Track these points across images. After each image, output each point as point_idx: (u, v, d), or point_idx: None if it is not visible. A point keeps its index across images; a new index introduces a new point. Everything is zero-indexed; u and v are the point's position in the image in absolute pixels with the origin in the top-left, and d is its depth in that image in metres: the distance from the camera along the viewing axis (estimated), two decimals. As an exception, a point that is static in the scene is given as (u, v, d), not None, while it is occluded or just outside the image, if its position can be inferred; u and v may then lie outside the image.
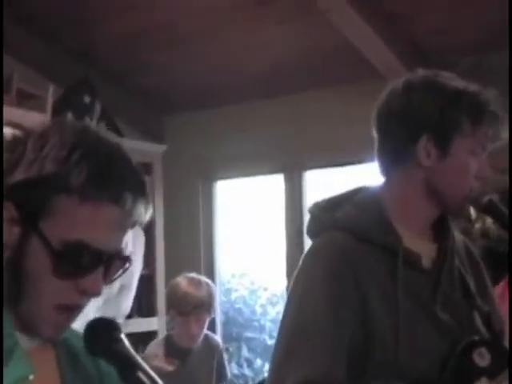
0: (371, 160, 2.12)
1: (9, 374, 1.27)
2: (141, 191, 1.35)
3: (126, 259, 1.37)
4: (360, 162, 4.64)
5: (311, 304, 1.85)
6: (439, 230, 2.02)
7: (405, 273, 1.89)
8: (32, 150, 1.31)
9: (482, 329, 1.98)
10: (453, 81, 1.95)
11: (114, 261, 1.35)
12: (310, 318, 1.84)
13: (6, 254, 1.32)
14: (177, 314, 3.98)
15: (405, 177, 1.97)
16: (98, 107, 4.93)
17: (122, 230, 1.35)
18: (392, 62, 4.20)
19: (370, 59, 4.28)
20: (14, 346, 1.30)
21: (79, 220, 1.29)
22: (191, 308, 3.93)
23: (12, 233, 1.31)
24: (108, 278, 1.36)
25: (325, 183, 5.28)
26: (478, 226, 3.59)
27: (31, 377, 1.29)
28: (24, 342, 1.33)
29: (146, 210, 1.36)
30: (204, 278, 4.18)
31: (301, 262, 1.96)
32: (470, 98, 1.91)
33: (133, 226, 1.37)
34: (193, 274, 4.16)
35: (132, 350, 1.27)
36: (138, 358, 1.26)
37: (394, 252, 1.90)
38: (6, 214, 1.31)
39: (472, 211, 3.09)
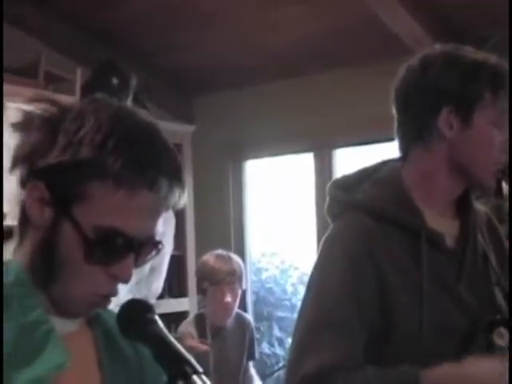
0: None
1: (45, 361, 1.26)
2: (176, 177, 1.31)
3: (158, 244, 1.35)
4: (390, 139, 4.58)
5: (331, 288, 1.84)
6: (461, 206, 1.99)
7: (428, 252, 1.87)
8: (66, 133, 1.28)
9: (504, 306, 1.96)
10: (472, 53, 1.92)
11: (146, 246, 1.33)
12: (329, 303, 1.83)
13: (38, 236, 1.31)
14: (210, 285, 3.98)
15: (428, 153, 1.93)
16: (131, 87, 4.94)
17: (156, 216, 1.33)
18: (421, 37, 4.15)
19: (399, 33, 4.23)
20: (50, 331, 1.29)
21: (113, 206, 1.27)
22: (224, 275, 3.94)
23: (44, 214, 1.29)
24: (139, 263, 1.35)
25: (355, 161, 5.25)
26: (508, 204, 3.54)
27: (68, 363, 1.28)
28: (59, 326, 1.32)
29: (181, 195, 1.34)
30: (231, 253, 4.21)
31: (321, 244, 1.95)
32: (488, 68, 1.89)
33: (166, 210, 1.35)
34: (219, 251, 4.18)
35: (166, 332, 1.26)
36: (173, 340, 1.25)
37: (417, 232, 1.88)
38: (35, 193, 1.29)
39: (504, 187, 3.06)
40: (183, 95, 5.75)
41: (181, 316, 4.97)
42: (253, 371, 4.26)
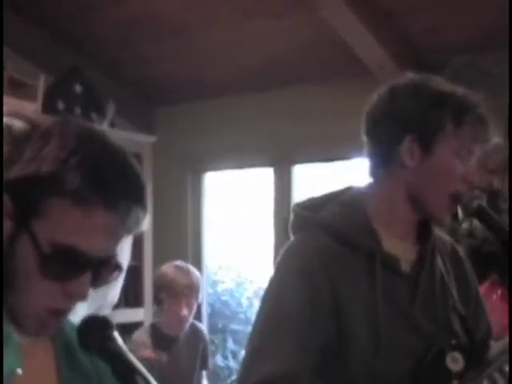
0: (360, 156, 2.13)
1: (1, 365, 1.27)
2: (137, 200, 1.31)
3: (117, 266, 1.35)
4: (349, 157, 4.65)
5: (284, 302, 1.86)
6: (422, 233, 2.02)
7: (383, 276, 1.89)
8: (33, 148, 1.29)
9: (461, 332, 1.99)
10: (440, 84, 1.96)
11: (104, 266, 1.33)
12: (280, 317, 1.84)
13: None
14: (167, 297, 3.99)
15: (389, 179, 1.97)
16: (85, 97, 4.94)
17: (114, 237, 1.32)
18: (384, 61, 4.22)
19: (361, 57, 4.29)
20: (7, 337, 1.30)
21: (70, 224, 1.28)
22: (182, 289, 3.96)
23: (5, 226, 1.29)
24: (96, 283, 1.34)
25: (314, 178, 5.29)
26: (464, 225, 3.61)
27: (19, 370, 1.29)
28: (19, 335, 1.33)
29: (142, 219, 1.33)
30: (189, 265, 4.22)
31: (279, 256, 1.96)
32: (452, 99, 1.92)
33: (128, 233, 1.34)
34: (179, 262, 4.19)
35: (125, 348, 1.27)
36: (131, 356, 1.26)
37: (373, 255, 1.90)
38: (4, 206, 1.30)
39: (459, 211, 3.11)
40: (145, 105, 5.75)
41: (136, 326, 4.93)
42: (205, 382, 4.27)
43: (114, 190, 1.28)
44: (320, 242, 1.91)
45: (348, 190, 2.05)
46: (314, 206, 2.03)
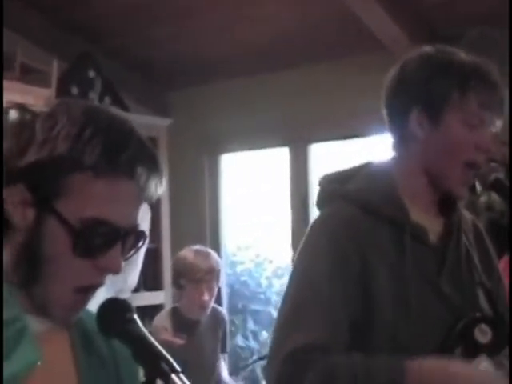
0: (375, 133, 2.13)
1: (16, 359, 1.25)
2: (155, 166, 1.33)
3: (142, 234, 1.36)
4: (365, 135, 4.64)
5: (314, 274, 1.87)
6: (446, 205, 2.02)
7: (412, 246, 1.90)
8: (41, 132, 1.29)
9: (485, 305, 1.99)
10: (452, 54, 1.95)
11: (131, 236, 1.34)
12: (312, 288, 1.85)
13: (20, 238, 1.30)
14: (188, 283, 3.99)
15: (407, 154, 1.98)
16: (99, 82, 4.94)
17: (137, 205, 1.34)
18: (397, 35, 4.18)
19: (374, 32, 4.27)
20: (23, 330, 1.29)
21: (95, 196, 1.28)
22: (203, 274, 3.95)
23: (26, 216, 1.29)
24: (126, 254, 1.35)
25: (330, 156, 5.28)
26: (483, 199, 3.59)
27: (39, 362, 1.28)
28: (35, 325, 1.32)
29: (159, 184, 1.35)
30: (208, 249, 4.20)
31: (308, 230, 1.98)
32: (458, 67, 1.91)
33: (146, 200, 1.36)
34: (198, 246, 4.18)
35: (145, 331, 1.27)
36: (152, 339, 1.26)
37: (402, 226, 1.91)
38: (16, 197, 1.29)
39: (477, 184, 3.10)
40: (159, 89, 5.75)
41: (156, 309, 4.97)
42: (223, 364, 4.29)
43: (132, 157, 1.29)
44: (349, 213, 1.92)
45: (372, 164, 2.06)
46: (340, 178, 2.04)
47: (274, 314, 5.72)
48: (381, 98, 2.02)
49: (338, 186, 2.02)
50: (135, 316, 1.31)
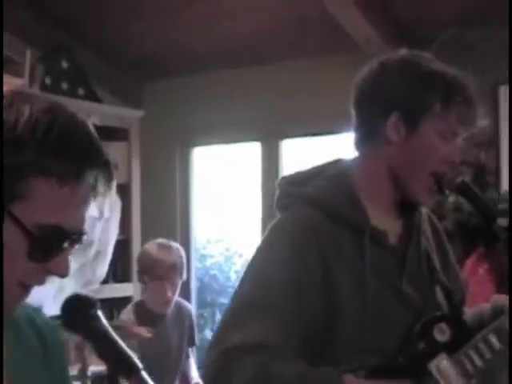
0: (348, 130, 2.14)
1: None
2: (109, 171, 1.32)
3: (84, 234, 1.34)
4: (337, 132, 4.66)
5: (272, 273, 1.86)
6: (406, 207, 2.02)
7: (371, 249, 1.91)
8: (6, 130, 1.25)
9: (444, 304, 2.02)
10: (431, 63, 1.96)
11: (78, 238, 1.32)
12: (267, 285, 1.84)
13: None
14: (150, 279, 4.00)
15: (373, 154, 1.98)
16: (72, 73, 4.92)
17: (87, 206, 1.33)
18: (371, 35, 4.20)
19: (349, 31, 4.29)
20: None
21: (57, 204, 1.26)
22: (164, 271, 3.96)
23: None
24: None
25: (301, 152, 5.30)
26: (451, 199, 3.63)
27: None
28: None
29: (110, 182, 1.33)
30: (173, 242, 4.21)
31: (266, 232, 1.97)
32: (442, 79, 1.92)
33: (96, 196, 1.34)
34: (161, 239, 4.18)
35: (109, 328, 1.28)
36: (115, 336, 1.27)
37: (362, 230, 1.92)
38: None
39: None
40: (133, 81, 5.73)
41: (125, 301, 4.96)
42: (191, 361, 4.30)
43: (83, 160, 1.27)
44: (309, 216, 1.92)
45: (333, 164, 2.06)
46: (300, 180, 2.04)
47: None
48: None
49: (297, 188, 2.01)
50: (99, 312, 1.31)
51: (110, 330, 1.28)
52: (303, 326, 1.83)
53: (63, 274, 1.31)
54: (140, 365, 1.23)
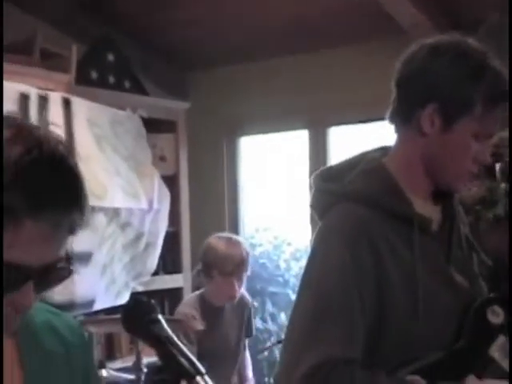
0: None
1: None
2: (70, 204, 1.22)
3: (64, 269, 1.27)
4: (384, 118, 4.61)
5: (330, 277, 1.82)
6: (441, 194, 1.99)
7: (419, 238, 1.89)
8: None
9: (487, 286, 2.00)
10: (483, 55, 1.88)
11: (48, 272, 1.25)
12: (329, 298, 1.80)
13: None
14: (219, 274, 4.00)
15: (408, 141, 1.94)
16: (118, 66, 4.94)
17: (51, 244, 1.24)
18: (417, 18, 4.15)
19: (394, 15, 4.24)
20: None
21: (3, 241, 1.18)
22: (234, 267, 3.98)
23: None
24: (43, 289, 1.28)
25: (349, 139, 5.27)
26: (503, 185, 3.58)
27: None
28: None
29: (80, 219, 1.24)
30: (238, 237, 4.24)
31: (314, 237, 1.92)
32: (491, 78, 1.85)
33: (70, 233, 1.25)
34: (227, 234, 4.20)
35: (170, 331, 1.27)
36: (176, 339, 1.27)
37: (407, 219, 1.89)
38: None
39: (498, 171, 3.08)
40: (179, 72, 5.74)
41: (175, 292, 5.01)
42: (247, 350, 4.32)
43: (40, 199, 1.19)
44: (358, 214, 1.88)
45: (364, 157, 2.02)
46: (334, 176, 1.99)
47: (292, 296, 5.73)
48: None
49: (334, 184, 1.96)
50: (160, 316, 1.31)
51: (171, 334, 1.27)
52: (366, 327, 1.81)
53: (24, 307, 1.26)
54: (203, 369, 1.22)
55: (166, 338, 1.27)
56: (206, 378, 1.21)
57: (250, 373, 4.33)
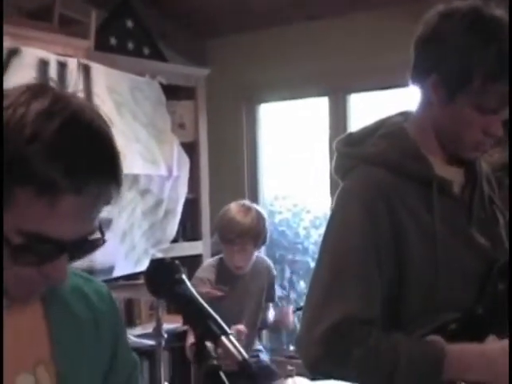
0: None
1: None
2: (109, 177, 1.23)
3: (95, 242, 1.29)
4: (404, 85, 4.57)
5: (349, 240, 1.85)
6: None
7: (438, 200, 1.89)
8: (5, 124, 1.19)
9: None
10: (487, 23, 1.83)
11: (81, 245, 1.26)
12: (348, 259, 1.83)
13: None
14: (221, 241, 4.00)
15: (423, 108, 1.95)
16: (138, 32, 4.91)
17: (87, 218, 1.25)
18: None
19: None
20: None
21: (36, 213, 1.19)
22: (234, 236, 3.93)
23: None
24: (75, 259, 1.29)
25: (369, 106, 5.23)
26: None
27: None
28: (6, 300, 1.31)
29: (116, 193, 1.25)
30: (256, 207, 4.14)
31: (335, 199, 1.95)
32: (491, 55, 1.80)
33: (102, 208, 1.26)
34: (245, 201, 4.14)
35: (194, 292, 1.27)
36: (201, 300, 1.26)
37: (428, 181, 1.90)
38: None
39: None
40: (198, 38, 5.71)
41: (194, 259, 5.01)
42: (270, 313, 4.29)
43: (82, 172, 1.18)
44: (375, 176, 1.90)
45: (385, 122, 2.03)
46: (356, 141, 2.01)
47: (312, 264, 5.73)
48: None
49: (356, 148, 1.98)
50: (184, 277, 1.30)
51: (196, 294, 1.26)
52: (384, 289, 1.83)
53: (58, 279, 1.27)
54: (228, 329, 1.22)
55: (190, 298, 1.26)
56: (231, 337, 1.20)
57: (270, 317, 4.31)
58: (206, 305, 1.25)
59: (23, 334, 1.36)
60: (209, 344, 1.21)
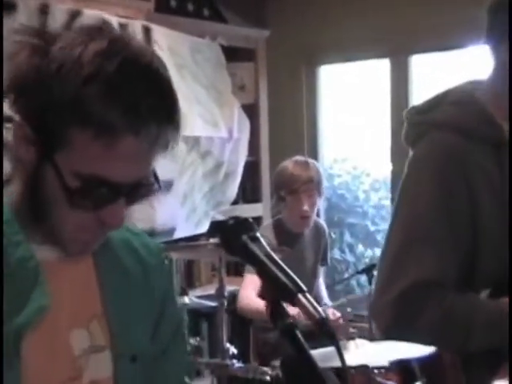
0: (476, 44, 2.04)
1: (30, 306, 1.26)
2: (168, 120, 1.21)
3: (150, 185, 1.28)
4: (465, 46, 4.50)
5: (422, 206, 1.85)
6: None
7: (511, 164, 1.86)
8: (49, 65, 1.18)
9: None
10: None
11: (136, 190, 1.26)
12: (421, 224, 1.84)
13: (26, 174, 1.25)
14: (287, 194, 3.99)
15: (494, 72, 1.92)
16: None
17: (144, 161, 1.24)
18: None
19: None
20: (36, 268, 1.28)
21: (94, 155, 1.18)
22: (301, 184, 3.95)
23: (29, 153, 1.23)
24: (132, 204, 1.28)
25: (431, 67, 5.15)
26: None
27: (48, 306, 1.28)
28: (52, 254, 1.31)
29: (174, 138, 1.24)
30: (308, 159, 4.20)
31: (407, 167, 1.95)
32: None
33: (160, 152, 1.25)
34: (297, 156, 4.16)
35: (269, 250, 1.24)
36: (276, 258, 1.24)
37: (500, 144, 1.88)
38: (19, 131, 1.23)
39: None
40: (258, 0, 5.67)
41: (255, 221, 5.00)
42: (321, 278, 4.32)
43: (141, 113, 1.17)
44: (447, 140, 1.88)
45: (452, 90, 2.00)
46: (427, 108, 2.00)
47: (371, 227, 5.71)
48: (482, 7, 1.91)
49: (426, 115, 1.97)
50: (258, 235, 1.28)
51: (271, 251, 1.24)
52: (458, 253, 1.82)
53: (115, 224, 1.27)
54: (304, 286, 1.19)
55: (265, 255, 1.24)
56: (308, 295, 1.18)
57: (324, 295, 4.34)
58: (281, 263, 1.23)
59: (77, 288, 1.37)
60: (284, 303, 1.19)
